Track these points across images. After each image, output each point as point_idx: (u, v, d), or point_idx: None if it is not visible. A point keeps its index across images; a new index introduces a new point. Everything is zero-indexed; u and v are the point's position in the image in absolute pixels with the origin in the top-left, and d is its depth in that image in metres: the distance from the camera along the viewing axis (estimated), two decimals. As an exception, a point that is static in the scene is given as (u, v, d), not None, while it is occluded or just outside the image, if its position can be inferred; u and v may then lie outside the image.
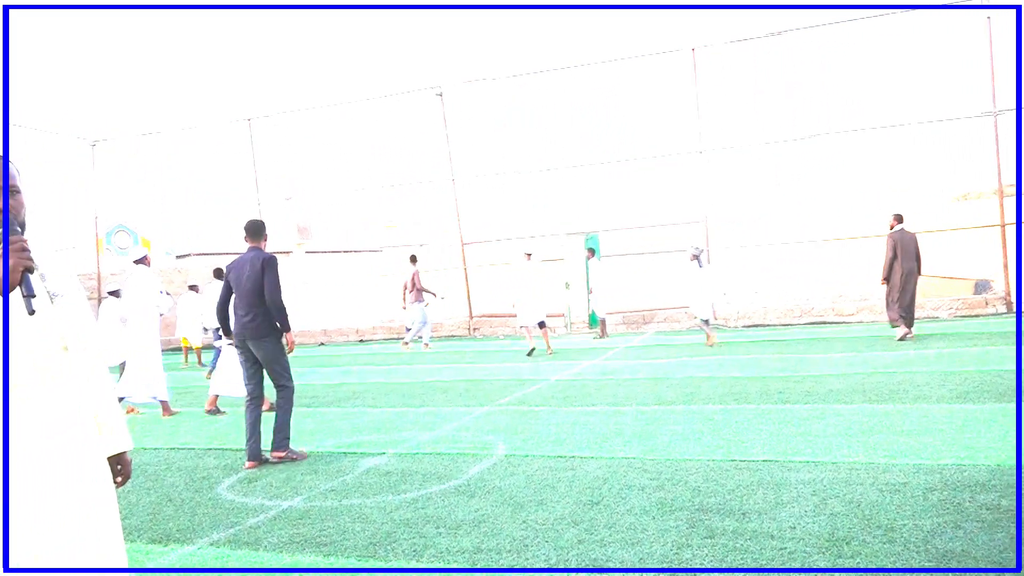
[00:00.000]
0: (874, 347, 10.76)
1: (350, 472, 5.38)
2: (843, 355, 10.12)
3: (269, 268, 5.97)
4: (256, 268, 5.97)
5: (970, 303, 14.87)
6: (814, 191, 16.39)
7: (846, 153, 16.04)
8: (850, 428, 5.70)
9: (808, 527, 3.64)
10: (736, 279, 17.10)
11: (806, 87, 16.11)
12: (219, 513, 4.57)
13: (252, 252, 6.10)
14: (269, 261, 6.01)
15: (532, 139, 18.52)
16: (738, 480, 4.51)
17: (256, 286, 5.96)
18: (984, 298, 14.95)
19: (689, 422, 6.34)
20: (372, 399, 8.96)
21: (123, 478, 2.39)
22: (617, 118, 17.81)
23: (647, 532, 3.73)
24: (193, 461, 6.11)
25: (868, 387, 7.44)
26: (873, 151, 15.86)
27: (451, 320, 18.68)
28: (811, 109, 16.15)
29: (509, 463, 5.33)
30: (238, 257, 6.18)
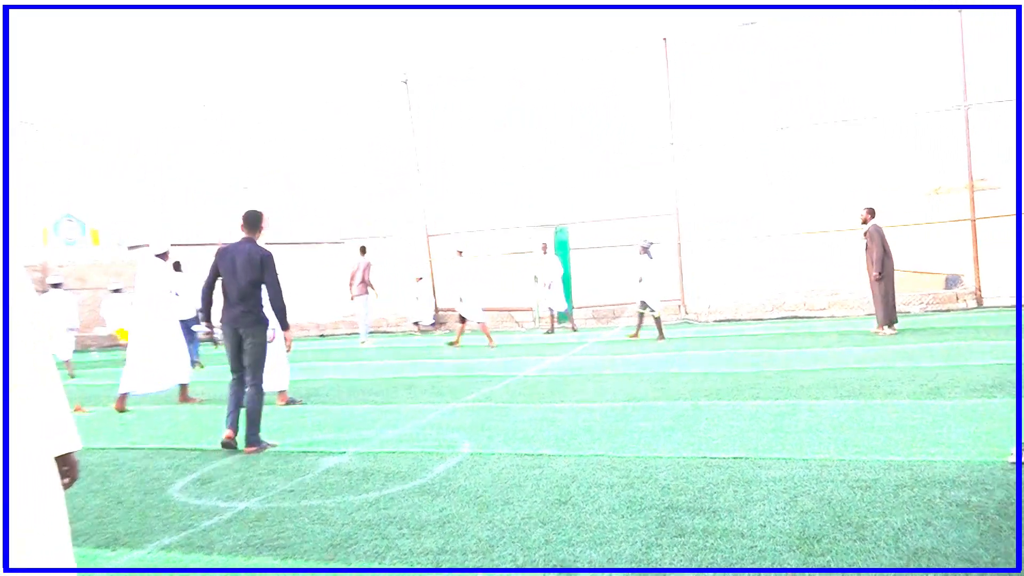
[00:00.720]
0: (845, 342, 10.93)
1: (309, 472, 5.32)
2: (814, 350, 10.27)
3: (270, 267, 6.19)
4: (254, 262, 6.17)
5: (941, 298, 15.20)
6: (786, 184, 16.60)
7: (818, 146, 16.27)
8: (821, 424, 5.78)
9: (779, 525, 3.68)
10: (707, 273, 17.25)
11: (778, 80, 16.30)
12: (171, 516, 4.49)
13: (247, 243, 6.30)
14: (268, 259, 6.21)
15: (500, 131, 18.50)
16: (708, 478, 4.55)
17: (253, 279, 6.18)
18: (955, 293, 15.28)
19: (659, 418, 6.38)
20: (333, 396, 8.88)
21: (70, 480, 2.33)
22: (588, 110, 17.87)
23: (616, 531, 3.74)
24: (143, 462, 6.00)
25: (839, 382, 7.56)
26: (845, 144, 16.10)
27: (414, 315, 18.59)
28: (783, 102, 16.34)
29: (474, 461, 5.32)
30: (230, 245, 6.35)
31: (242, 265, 6.17)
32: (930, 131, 15.36)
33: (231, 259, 6.23)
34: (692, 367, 9.45)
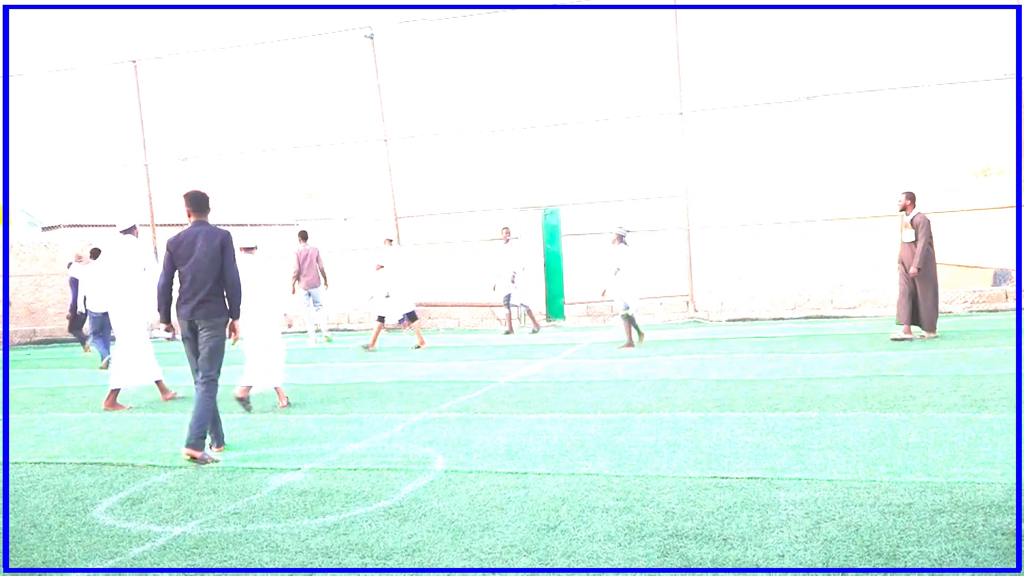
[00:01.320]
0: (877, 346, 11.04)
1: (257, 491, 5.32)
2: (842, 355, 10.36)
3: (229, 247, 6.45)
4: (214, 245, 6.39)
5: (988, 296, 15.35)
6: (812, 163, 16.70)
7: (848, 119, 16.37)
8: (848, 440, 5.84)
9: (799, 555, 3.73)
10: (719, 264, 17.34)
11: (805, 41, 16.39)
12: (95, 541, 4.48)
13: (201, 226, 6.49)
14: (228, 239, 6.47)
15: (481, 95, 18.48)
16: (719, 501, 4.59)
17: (214, 264, 6.38)
18: (1004, 290, 15.44)
19: (662, 432, 6.42)
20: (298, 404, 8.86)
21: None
22: (584, 73, 17.87)
23: (612, 562, 3.78)
24: (64, 478, 5.97)
25: (870, 393, 7.63)
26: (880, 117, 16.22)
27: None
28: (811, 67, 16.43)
29: (449, 481, 5.34)
30: (182, 233, 6.52)
31: (203, 250, 6.37)
32: (977, 103, 15.51)
33: (189, 246, 6.42)
34: (701, 373, 9.50)
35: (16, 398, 10.23)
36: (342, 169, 19.73)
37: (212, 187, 20.55)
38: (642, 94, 17.46)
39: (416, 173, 19.21)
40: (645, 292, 13.23)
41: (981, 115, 15.52)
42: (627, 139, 17.80)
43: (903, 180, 15.43)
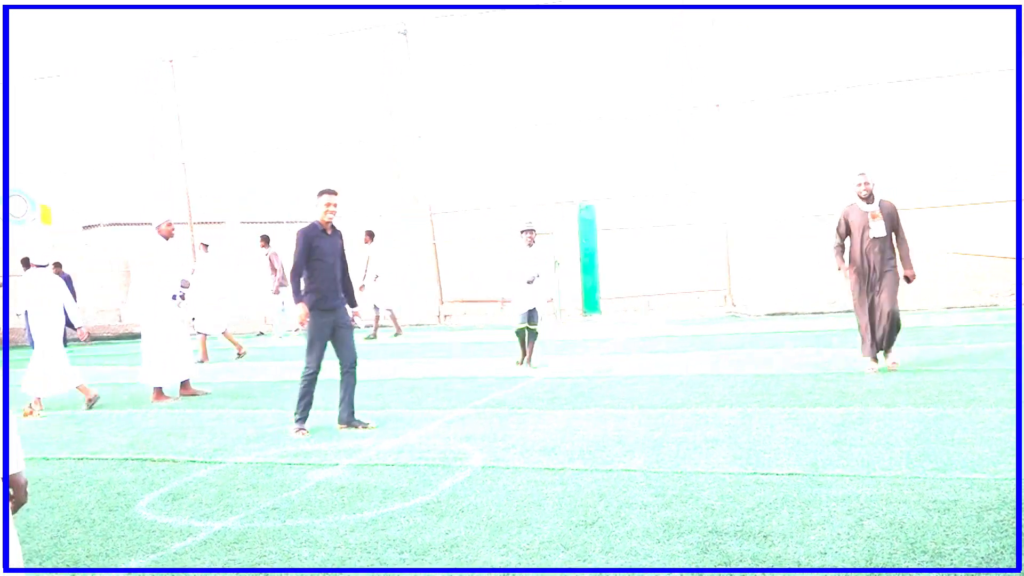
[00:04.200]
0: (920, 339, 10.88)
1: (296, 487, 5.37)
2: (884, 349, 10.23)
3: (295, 240, 6.99)
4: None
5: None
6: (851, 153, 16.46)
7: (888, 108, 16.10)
8: (891, 436, 5.78)
9: (842, 552, 3.69)
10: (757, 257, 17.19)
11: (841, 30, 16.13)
12: (137, 536, 4.55)
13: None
14: (297, 233, 7.01)
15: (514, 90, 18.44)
16: (759, 497, 4.56)
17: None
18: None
19: (700, 428, 6.39)
20: (321, 399, 8.93)
21: (15, 503, 2.37)
22: (618, 66, 17.76)
23: (651, 558, 3.77)
24: (106, 474, 6.07)
25: (913, 387, 7.53)
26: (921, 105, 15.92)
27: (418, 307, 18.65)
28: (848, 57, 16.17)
29: (486, 476, 5.35)
30: None
31: None
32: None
33: None
34: (740, 368, 9.44)
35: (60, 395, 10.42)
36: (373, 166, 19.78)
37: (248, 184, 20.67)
38: (678, 87, 17.34)
39: (449, 169, 19.24)
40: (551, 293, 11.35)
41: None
42: (663, 132, 17.68)
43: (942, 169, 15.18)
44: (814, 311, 16.00)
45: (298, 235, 7.01)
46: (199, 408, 8.88)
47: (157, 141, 20.53)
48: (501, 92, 18.56)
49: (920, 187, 15.22)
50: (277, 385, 10.29)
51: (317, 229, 7.06)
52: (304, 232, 7.02)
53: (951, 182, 11.65)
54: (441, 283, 18.79)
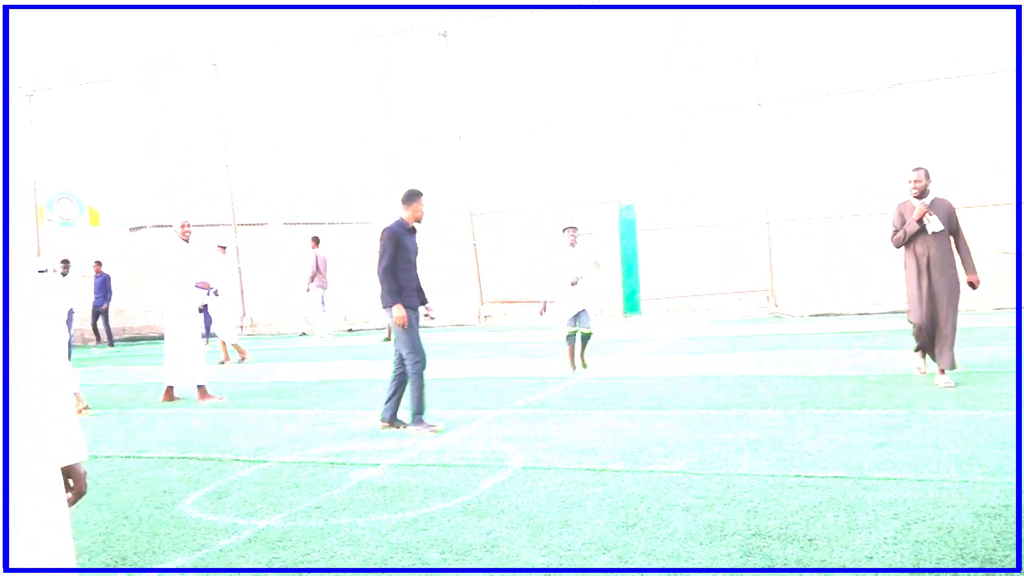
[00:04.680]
0: (970, 340, 10.68)
1: (338, 486, 5.42)
2: (931, 351, 10.06)
3: (381, 238, 7.07)
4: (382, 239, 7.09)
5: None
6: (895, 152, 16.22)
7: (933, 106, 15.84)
8: (940, 439, 5.68)
9: (888, 557, 3.64)
10: (800, 257, 17.01)
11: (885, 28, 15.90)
12: (183, 533, 4.62)
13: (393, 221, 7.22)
14: (383, 232, 7.08)
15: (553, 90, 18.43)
16: (803, 500, 4.51)
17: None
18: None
19: (743, 430, 6.34)
20: (363, 399, 9.01)
21: (75, 494, 2.43)
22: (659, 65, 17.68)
23: (693, 561, 3.74)
24: (152, 472, 6.17)
25: (962, 389, 7.40)
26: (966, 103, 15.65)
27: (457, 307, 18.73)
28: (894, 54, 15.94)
29: (527, 477, 5.36)
30: None
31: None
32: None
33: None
34: (783, 370, 9.35)
35: (105, 393, 10.62)
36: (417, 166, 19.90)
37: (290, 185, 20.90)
38: (719, 85, 17.21)
39: (489, 169, 19.28)
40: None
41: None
42: (704, 131, 17.56)
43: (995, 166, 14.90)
44: (858, 312, 15.79)
45: (387, 234, 7.04)
46: (242, 408, 8.99)
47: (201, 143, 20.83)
48: (541, 92, 18.57)
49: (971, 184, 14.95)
50: (319, 385, 10.39)
51: (405, 228, 7.15)
52: (393, 231, 7.07)
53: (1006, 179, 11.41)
54: (481, 283, 18.83)
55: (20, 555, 2.15)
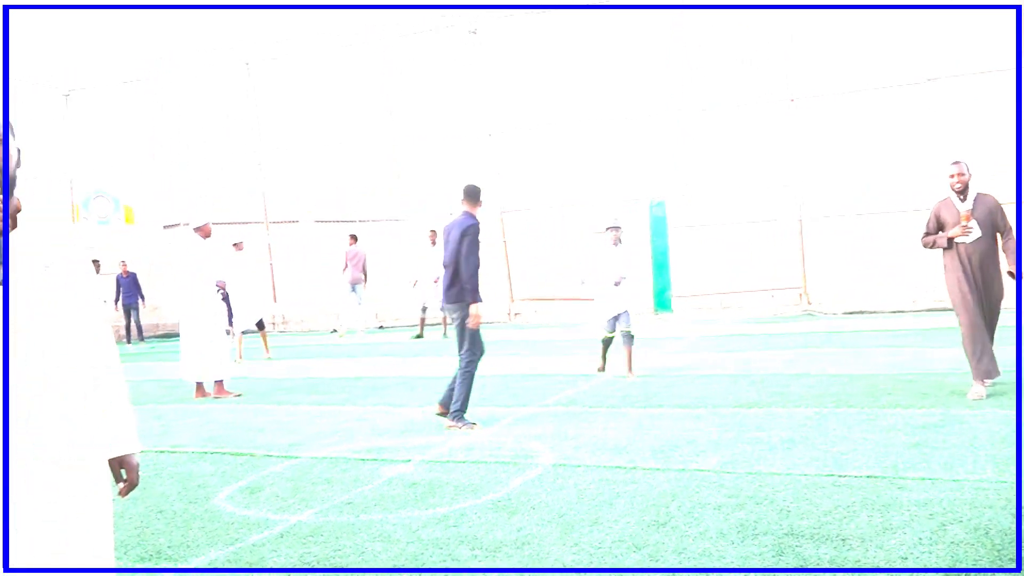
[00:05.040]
0: (1008, 338, 10.50)
1: (369, 482, 5.45)
2: (967, 349, 9.93)
3: (465, 234, 7.08)
4: (456, 234, 7.12)
5: None
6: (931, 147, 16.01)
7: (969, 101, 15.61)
8: (977, 438, 5.60)
9: (923, 558, 3.60)
10: (833, 254, 16.85)
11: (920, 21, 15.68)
12: (217, 528, 4.67)
13: (460, 216, 7.26)
14: (468, 228, 7.11)
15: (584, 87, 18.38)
16: (836, 500, 4.47)
17: (453, 252, 7.13)
18: None
19: (775, 429, 6.29)
20: (394, 396, 9.06)
21: (128, 485, 2.47)
22: (689, 61, 17.57)
23: (724, 560, 3.72)
24: (186, 466, 6.24)
25: (999, 389, 7.29)
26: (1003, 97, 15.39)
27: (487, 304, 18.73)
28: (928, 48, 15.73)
29: (557, 474, 5.35)
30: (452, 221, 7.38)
31: (452, 237, 7.15)
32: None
33: (447, 235, 7.26)
34: (816, 368, 9.27)
35: (141, 389, 10.75)
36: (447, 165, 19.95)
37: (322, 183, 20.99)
38: (751, 81, 17.08)
39: (519, 167, 19.28)
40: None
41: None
42: (735, 128, 17.43)
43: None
44: (893, 310, 15.61)
45: (474, 230, 7.14)
46: (275, 404, 9.06)
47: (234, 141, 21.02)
48: (571, 89, 18.53)
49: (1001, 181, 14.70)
50: (351, 381, 10.45)
51: (479, 226, 7.31)
52: (477, 229, 7.20)
53: None
54: (511, 281, 18.84)
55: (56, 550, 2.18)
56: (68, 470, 2.26)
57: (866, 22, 16.10)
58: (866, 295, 16.10)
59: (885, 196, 16.39)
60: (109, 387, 2.42)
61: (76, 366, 2.31)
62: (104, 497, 2.36)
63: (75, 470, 2.27)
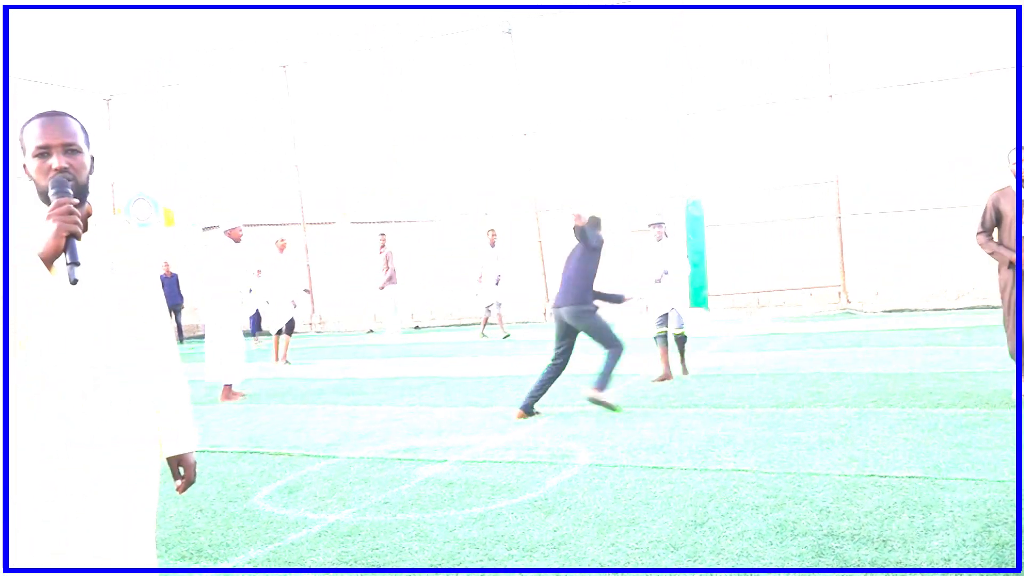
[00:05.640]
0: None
1: (406, 482, 5.48)
2: (1011, 347, 9.76)
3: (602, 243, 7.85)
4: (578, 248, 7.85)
5: None
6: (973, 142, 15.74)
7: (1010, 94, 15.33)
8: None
9: (967, 559, 3.54)
10: (873, 252, 16.64)
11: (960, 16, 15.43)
12: (256, 527, 4.72)
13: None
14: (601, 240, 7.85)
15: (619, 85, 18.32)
16: (877, 500, 4.41)
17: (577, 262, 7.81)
18: None
19: (815, 428, 6.23)
20: (430, 396, 9.09)
21: (185, 481, 2.54)
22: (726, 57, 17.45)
23: (763, 560, 3.69)
24: (227, 466, 6.32)
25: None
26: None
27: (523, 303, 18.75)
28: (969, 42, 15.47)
29: (593, 474, 5.34)
30: None
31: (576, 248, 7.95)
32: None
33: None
34: (855, 367, 9.16)
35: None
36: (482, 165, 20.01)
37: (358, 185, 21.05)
38: (789, 77, 16.92)
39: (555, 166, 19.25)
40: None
41: None
42: (773, 124, 17.28)
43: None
44: (934, 308, 15.38)
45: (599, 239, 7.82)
46: (312, 404, 9.14)
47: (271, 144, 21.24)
48: (606, 87, 18.48)
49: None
50: (387, 381, 10.51)
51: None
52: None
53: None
54: (547, 280, 18.81)
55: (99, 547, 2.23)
56: (126, 468, 2.32)
57: (905, 17, 15.88)
58: (906, 293, 15.88)
59: (924, 192, 16.15)
60: (170, 386, 2.49)
61: (139, 365, 2.38)
62: (154, 494, 2.42)
63: (133, 468, 2.33)
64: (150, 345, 2.43)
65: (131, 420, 2.33)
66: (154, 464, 2.42)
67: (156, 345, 2.46)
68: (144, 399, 2.39)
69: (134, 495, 2.32)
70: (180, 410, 2.53)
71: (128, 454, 2.31)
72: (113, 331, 2.30)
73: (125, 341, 2.33)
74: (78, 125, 2.33)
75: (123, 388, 2.32)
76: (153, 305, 2.46)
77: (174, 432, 2.51)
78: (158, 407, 2.46)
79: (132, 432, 2.33)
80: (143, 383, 2.40)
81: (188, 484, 2.56)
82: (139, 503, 2.35)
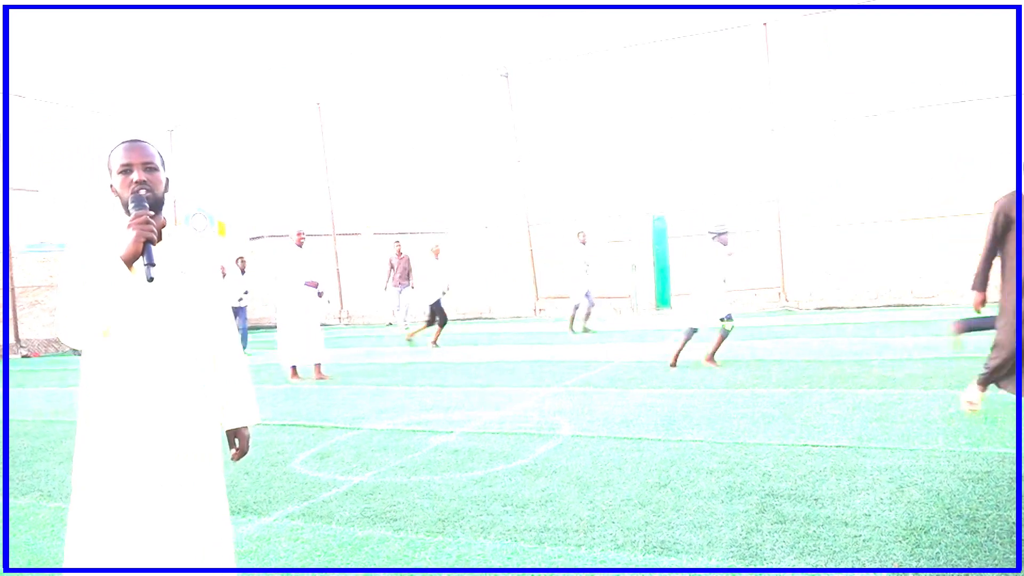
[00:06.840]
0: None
1: (419, 450, 5.47)
2: (923, 339, 9.78)
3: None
4: None
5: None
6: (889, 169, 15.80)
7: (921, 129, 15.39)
8: (929, 414, 5.52)
9: (884, 515, 3.55)
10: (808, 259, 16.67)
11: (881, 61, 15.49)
12: (293, 487, 4.71)
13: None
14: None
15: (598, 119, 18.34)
16: (810, 465, 4.42)
17: None
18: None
19: (759, 406, 6.24)
20: (439, 378, 9.07)
21: (239, 452, 2.53)
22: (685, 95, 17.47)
23: (715, 516, 3.70)
24: (268, 436, 6.30)
25: (950, 372, 7.18)
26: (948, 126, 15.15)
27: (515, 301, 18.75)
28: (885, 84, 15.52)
29: (575, 444, 5.34)
30: None
31: None
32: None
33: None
34: (792, 355, 9.17)
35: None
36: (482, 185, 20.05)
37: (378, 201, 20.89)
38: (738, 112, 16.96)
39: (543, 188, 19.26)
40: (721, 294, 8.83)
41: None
42: (725, 152, 17.30)
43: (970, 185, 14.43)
44: (858, 306, 15.40)
45: None
46: (341, 385, 9.12)
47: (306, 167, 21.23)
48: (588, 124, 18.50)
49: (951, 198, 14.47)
50: (404, 366, 10.49)
51: None
52: None
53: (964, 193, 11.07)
54: (536, 281, 18.83)
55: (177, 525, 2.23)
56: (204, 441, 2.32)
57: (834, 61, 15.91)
58: (835, 293, 15.90)
59: (851, 210, 16.20)
60: (231, 369, 2.49)
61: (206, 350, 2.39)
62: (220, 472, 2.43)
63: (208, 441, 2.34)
64: (214, 334, 2.44)
65: (201, 401, 2.34)
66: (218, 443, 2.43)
67: (219, 334, 2.46)
68: (210, 380, 2.40)
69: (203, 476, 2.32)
70: (239, 389, 2.52)
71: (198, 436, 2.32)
72: (183, 322, 2.31)
73: (194, 331, 2.34)
74: (155, 150, 2.35)
75: (193, 372, 2.33)
76: (216, 301, 2.46)
77: (233, 408, 2.50)
78: (220, 386, 2.46)
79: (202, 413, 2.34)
80: (209, 367, 2.41)
81: (242, 454, 2.55)
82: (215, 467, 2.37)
